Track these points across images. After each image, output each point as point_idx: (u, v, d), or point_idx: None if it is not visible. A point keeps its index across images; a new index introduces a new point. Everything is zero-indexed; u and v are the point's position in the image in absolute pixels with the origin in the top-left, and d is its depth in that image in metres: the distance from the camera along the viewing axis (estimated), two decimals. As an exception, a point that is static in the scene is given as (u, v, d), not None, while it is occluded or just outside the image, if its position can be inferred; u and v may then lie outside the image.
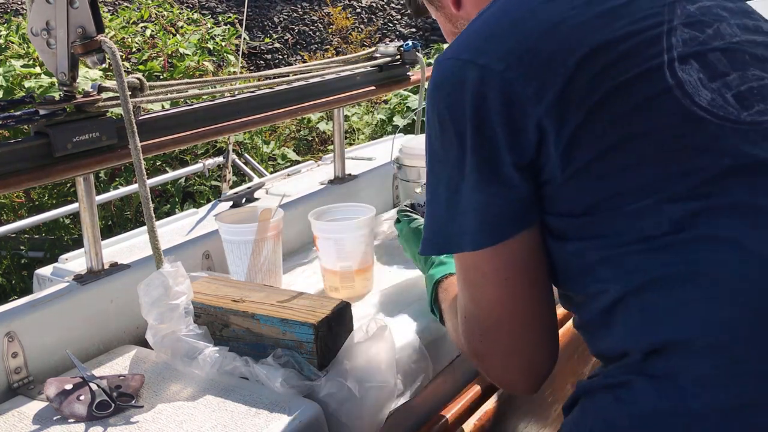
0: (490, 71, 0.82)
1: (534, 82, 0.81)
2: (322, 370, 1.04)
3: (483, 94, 0.82)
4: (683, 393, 0.74)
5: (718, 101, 0.80)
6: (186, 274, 1.12)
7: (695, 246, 0.76)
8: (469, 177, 0.84)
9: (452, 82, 0.85)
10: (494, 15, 0.89)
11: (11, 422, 1.00)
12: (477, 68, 0.83)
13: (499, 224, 0.85)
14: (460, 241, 0.87)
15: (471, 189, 0.84)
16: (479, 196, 0.84)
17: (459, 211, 0.86)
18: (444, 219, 0.88)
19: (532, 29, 0.84)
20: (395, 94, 5.07)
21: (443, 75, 0.87)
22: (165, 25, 5.59)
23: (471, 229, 0.85)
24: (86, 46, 1.14)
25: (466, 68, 0.84)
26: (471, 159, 0.84)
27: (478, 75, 0.83)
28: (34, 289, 1.47)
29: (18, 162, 1.11)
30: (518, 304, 0.88)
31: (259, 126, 1.59)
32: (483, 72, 0.83)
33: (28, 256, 3.75)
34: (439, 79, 0.87)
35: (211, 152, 4.23)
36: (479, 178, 0.84)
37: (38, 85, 3.65)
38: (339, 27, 7.87)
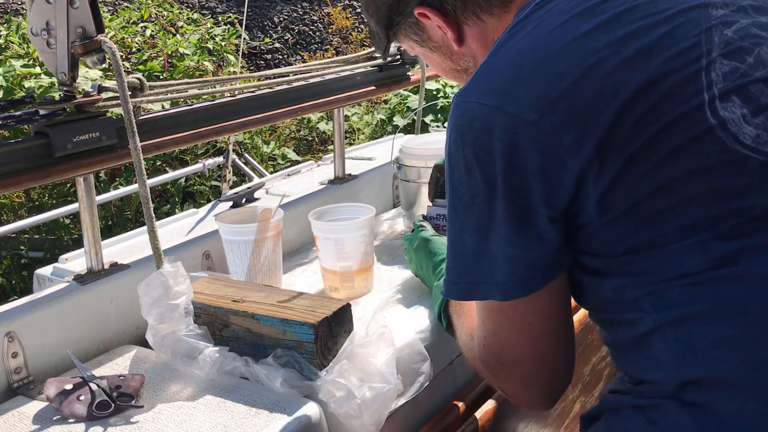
0: (522, 122, 0.78)
1: (571, 133, 0.77)
2: (322, 370, 1.04)
3: (515, 145, 0.78)
4: (722, 426, 0.74)
5: (763, 137, 0.77)
6: (186, 274, 1.12)
7: (737, 283, 0.75)
8: (499, 226, 0.82)
9: (479, 128, 0.81)
10: (521, 52, 0.83)
11: (11, 422, 1.00)
12: (507, 117, 0.79)
13: (529, 277, 0.83)
14: (488, 290, 0.85)
15: (501, 239, 0.82)
16: (510, 249, 0.82)
17: (486, 259, 0.84)
18: (470, 265, 0.86)
19: (566, 71, 0.79)
20: (395, 94, 5.07)
21: (468, 119, 0.82)
22: (165, 25, 5.59)
23: (500, 279, 0.84)
24: (86, 46, 1.14)
25: (495, 116, 0.80)
26: (502, 209, 0.81)
27: (509, 125, 0.79)
28: (34, 289, 1.47)
29: (18, 162, 1.11)
30: (541, 344, 0.88)
31: (259, 126, 1.58)
32: (514, 122, 0.78)
33: (28, 256, 3.75)
34: (463, 122, 0.83)
35: (211, 152, 4.23)
36: (510, 230, 0.81)
37: (38, 85, 3.66)
38: (339, 27, 7.87)
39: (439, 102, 4.54)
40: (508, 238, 0.81)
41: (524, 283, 0.84)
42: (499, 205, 0.81)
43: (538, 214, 0.80)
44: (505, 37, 0.86)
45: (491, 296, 0.86)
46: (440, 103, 4.57)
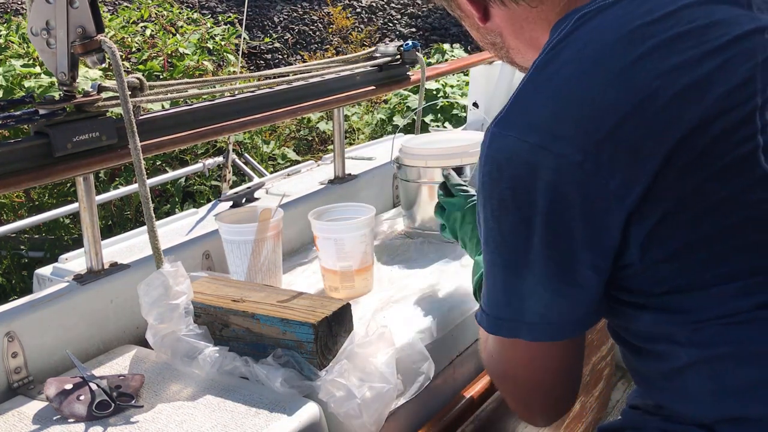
0: (567, 164, 0.73)
1: (617, 176, 0.72)
2: (322, 370, 1.04)
3: (558, 187, 0.74)
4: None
5: None
6: (186, 274, 1.12)
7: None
8: (535, 267, 0.78)
9: (518, 164, 0.76)
10: (565, 82, 0.76)
11: (11, 422, 1.00)
12: (551, 157, 0.74)
13: (561, 325, 0.81)
14: (517, 328, 0.82)
15: (536, 282, 0.78)
16: (544, 293, 0.79)
17: (517, 297, 0.81)
18: (500, 300, 0.83)
19: (613, 107, 0.73)
20: (395, 93, 5.08)
21: (507, 154, 0.77)
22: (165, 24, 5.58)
23: (530, 319, 0.81)
24: (86, 46, 1.14)
25: (537, 154, 0.75)
26: (540, 251, 0.77)
27: (553, 166, 0.74)
28: (34, 289, 1.47)
29: (18, 162, 1.11)
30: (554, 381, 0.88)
31: (259, 126, 1.59)
32: (558, 163, 0.73)
33: (28, 256, 3.75)
34: (501, 157, 0.78)
35: (211, 152, 4.23)
36: (547, 273, 0.77)
37: (38, 84, 3.65)
38: (339, 27, 7.87)
39: (439, 102, 4.54)
40: (543, 282, 0.78)
41: (553, 331, 0.81)
42: (537, 247, 0.77)
43: (579, 260, 0.76)
44: (546, 57, 0.79)
45: (519, 335, 0.82)
46: (440, 103, 4.57)
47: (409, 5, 8.38)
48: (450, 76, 4.88)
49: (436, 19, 8.20)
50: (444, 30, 8.06)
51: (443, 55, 5.73)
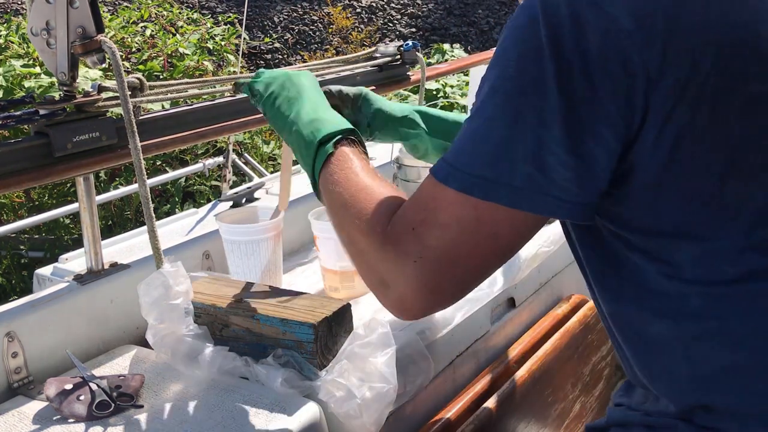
0: (617, 28, 0.68)
1: (659, 56, 0.68)
2: (322, 370, 1.04)
3: (600, 51, 0.69)
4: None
5: None
6: (186, 274, 1.12)
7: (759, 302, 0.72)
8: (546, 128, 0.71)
9: (565, 14, 0.70)
10: None
11: (11, 422, 1.00)
12: (602, 16, 0.69)
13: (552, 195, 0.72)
14: (495, 190, 0.73)
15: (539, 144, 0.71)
16: (548, 156, 0.71)
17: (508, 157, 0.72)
18: (483, 159, 0.73)
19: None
20: (395, 94, 5.07)
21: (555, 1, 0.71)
22: (165, 24, 5.58)
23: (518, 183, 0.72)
24: (86, 46, 1.14)
25: (587, 9, 0.69)
26: (557, 112, 0.70)
27: (602, 27, 0.69)
28: (34, 289, 1.47)
29: (18, 162, 1.11)
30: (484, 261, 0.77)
31: (259, 126, 1.58)
32: (608, 24, 0.68)
33: (28, 256, 3.75)
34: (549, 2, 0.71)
35: (211, 152, 4.23)
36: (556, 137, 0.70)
37: (38, 85, 3.65)
38: (339, 27, 7.87)
39: (439, 102, 4.54)
40: (547, 146, 0.71)
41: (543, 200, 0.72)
42: (555, 107, 0.70)
43: (594, 133, 0.70)
44: None
45: (494, 197, 0.73)
46: (440, 103, 4.57)
47: (409, 5, 8.38)
48: (450, 76, 4.88)
49: (436, 19, 8.20)
50: (444, 30, 8.07)
51: (443, 55, 5.73)
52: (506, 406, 1.29)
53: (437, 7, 8.38)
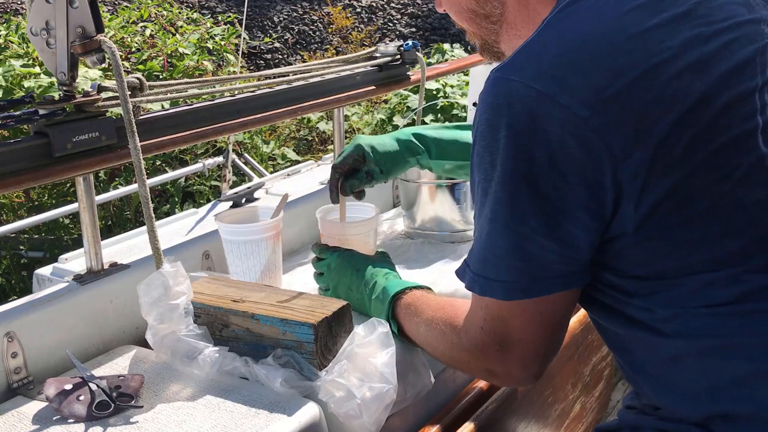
0: (573, 116, 0.72)
1: (620, 137, 0.71)
2: (322, 370, 1.04)
3: (561, 140, 0.72)
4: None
5: None
6: (186, 274, 1.11)
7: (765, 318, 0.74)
8: (522, 221, 0.76)
9: (520, 111, 0.74)
10: (581, 36, 0.75)
11: (11, 422, 1.00)
12: (556, 108, 0.72)
13: (542, 278, 0.79)
14: (490, 286, 0.82)
15: (518, 234, 0.77)
16: (528, 245, 0.77)
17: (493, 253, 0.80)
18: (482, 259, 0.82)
19: (625, 68, 0.73)
20: (395, 93, 5.07)
21: (508, 99, 0.74)
22: (164, 24, 5.58)
23: (507, 277, 0.80)
24: (86, 46, 1.13)
25: (542, 103, 0.73)
26: (529, 203, 0.75)
27: (558, 117, 0.72)
28: (33, 289, 1.47)
29: (18, 162, 1.11)
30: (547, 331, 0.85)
31: (259, 126, 1.58)
32: (564, 114, 0.72)
33: (27, 256, 3.75)
34: (501, 102, 0.75)
35: (211, 152, 4.22)
36: (536, 227, 0.76)
37: (38, 84, 3.65)
38: (339, 27, 7.87)
39: (439, 102, 4.53)
40: (528, 236, 0.76)
41: (534, 285, 0.79)
42: (527, 198, 0.75)
43: (569, 217, 0.75)
44: (558, 16, 0.78)
45: (492, 294, 0.82)
46: (440, 103, 4.56)
47: (409, 5, 8.37)
48: (450, 76, 4.88)
49: (436, 19, 8.19)
50: (444, 30, 8.06)
51: (443, 55, 5.73)
52: (506, 406, 1.29)
53: (437, 7, 8.37)
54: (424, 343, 1.05)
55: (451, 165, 1.30)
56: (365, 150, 1.28)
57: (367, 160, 1.29)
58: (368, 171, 1.29)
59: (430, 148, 1.29)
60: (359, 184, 1.31)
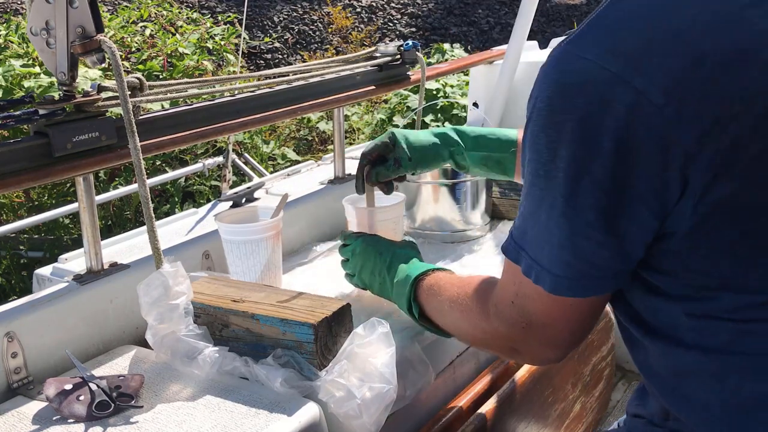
0: (647, 103, 0.65)
1: (696, 129, 0.64)
2: (321, 370, 1.04)
3: (630, 130, 0.66)
4: None
5: None
6: (186, 274, 1.11)
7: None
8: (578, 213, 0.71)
9: (592, 93, 0.67)
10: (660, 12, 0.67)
11: (11, 422, 1.00)
12: (631, 93, 0.65)
13: (591, 276, 0.75)
14: (542, 276, 0.77)
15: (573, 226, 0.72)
16: (581, 240, 0.72)
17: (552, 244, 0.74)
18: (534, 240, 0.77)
19: (710, 53, 0.64)
20: (395, 93, 5.07)
21: (579, 79, 0.68)
22: (164, 24, 5.58)
23: (558, 271, 0.75)
24: (86, 46, 1.13)
25: (616, 87, 0.66)
26: (591, 195, 0.70)
27: (630, 103, 0.65)
28: (33, 289, 1.47)
29: (18, 162, 1.11)
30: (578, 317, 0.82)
31: (259, 126, 1.58)
32: (638, 101, 0.65)
33: (27, 256, 3.75)
34: (571, 81, 0.68)
35: (211, 152, 4.22)
36: (593, 221, 0.70)
37: (38, 84, 3.65)
38: (339, 27, 7.87)
39: (439, 102, 4.53)
40: (584, 229, 0.71)
41: (582, 284, 0.75)
42: (588, 190, 0.69)
43: (629, 213, 0.69)
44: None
45: (540, 282, 0.77)
46: (440, 103, 4.56)
47: (409, 5, 8.37)
48: (450, 76, 4.88)
49: (436, 19, 8.20)
50: (444, 30, 8.06)
51: (443, 55, 5.73)
52: (506, 406, 1.29)
53: (437, 6, 8.37)
54: (448, 323, 1.02)
55: (488, 158, 1.24)
56: (396, 136, 1.24)
57: (397, 147, 1.24)
58: (396, 158, 1.24)
59: (466, 139, 1.24)
60: (386, 171, 1.26)
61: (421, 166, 1.25)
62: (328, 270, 1.48)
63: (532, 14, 2.19)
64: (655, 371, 0.83)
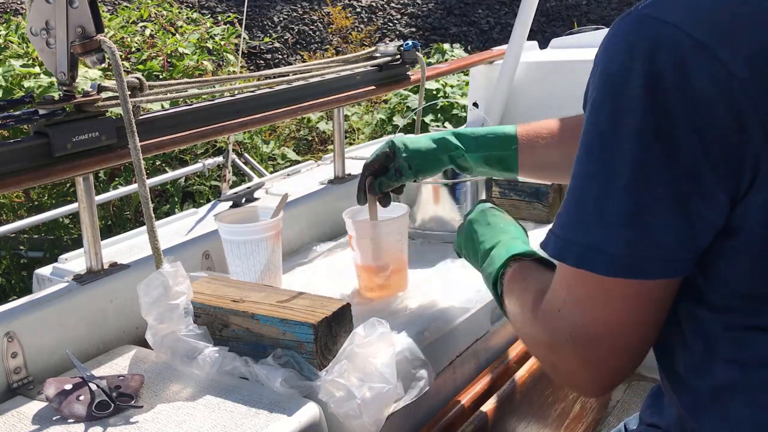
0: (730, 77, 0.61)
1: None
2: (321, 370, 1.04)
3: (711, 102, 0.62)
4: None
5: None
6: (186, 274, 1.12)
7: None
8: (645, 188, 0.66)
9: (671, 60, 0.63)
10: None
11: (11, 422, 1.00)
12: (715, 64, 0.61)
13: (654, 259, 0.68)
14: (590, 257, 0.70)
15: (638, 203, 0.66)
16: (647, 217, 0.66)
17: (604, 220, 0.68)
18: (580, 221, 0.70)
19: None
20: (395, 93, 5.07)
21: (659, 43, 0.63)
22: (164, 24, 5.58)
23: (612, 249, 0.68)
24: (86, 46, 1.13)
25: (699, 55, 0.62)
26: (663, 168, 0.65)
27: (712, 74, 0.61)
28: (33, 289, 1.47)
29: (18, 162, 1.11)
30: (631, 332, 0.73)
31: (259, 126, 1.58)
32: (721, 73, 0.61)
33: (27, 256, 3.75)
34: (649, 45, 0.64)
35: (211, 152, 4.23)
36: (662, 197, 0.65)
37: (37, 84, 3.65)
38: (339, 27, 7.87)
39: (439, 102, 4.53)
40: (650, 206, 0.66)
41: (643, 264, 0.68)
42: (660, 162, 0.64)
43: (703, 193, 0.64)
44: None
45: (590, 266, 0.70)
46: (440, 103, 4.56)
47: (409, 5, 8.38)
48: (450, 76, 4.88)
49: (436, 19, 8.20)
50: (444, 30, 8.06)
51: (443, 55, 5.73)
52: (506, 406, 1.29)
53: (437, 6, 8.37)
54: (510, 317, 0.94)
55: (489, 157, 1.22)
56: (396, 145, 1.24)
57: (397, 156, 1.24)
58: (397, 168, 1.24)
59: (466, 141, 1.23)
60: (388, 182, 1.26)
61: (422, 172, 1.25)
62: (328, 270, 1.48)
63: (532, 14, 2.19)
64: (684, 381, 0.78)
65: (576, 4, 8.45)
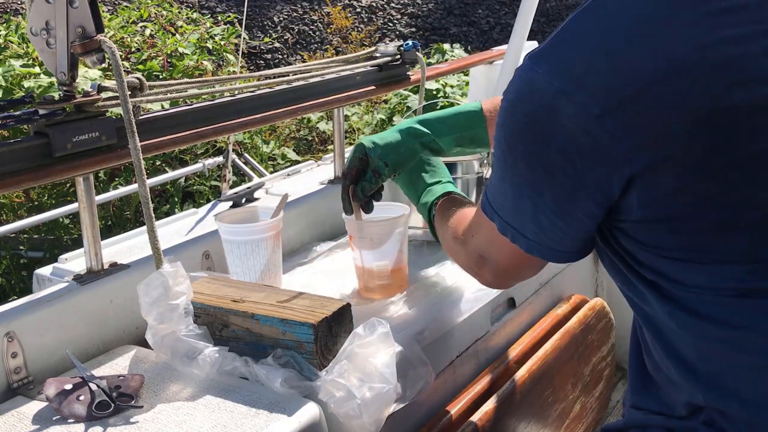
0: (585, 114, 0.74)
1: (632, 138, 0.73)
2: (321, 370, 1.04)
3: (572, 134, 0.76)
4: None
5: None
6: (186, 274, 1.11)
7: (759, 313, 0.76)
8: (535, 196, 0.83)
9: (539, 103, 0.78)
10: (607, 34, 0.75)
11: (11, 422, 1.00)
12: (571, 105, 0.75)
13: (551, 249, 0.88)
14: (517, 237, 0.89)
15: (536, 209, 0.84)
16: (543, 218, 0.84)
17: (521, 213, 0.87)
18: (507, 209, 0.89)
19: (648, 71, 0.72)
20: (395, 93, 5.08)
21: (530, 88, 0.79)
22: (164, 24, 5.58)
23: (530, 236, 0.88)
24: (86, 46, 1.13)
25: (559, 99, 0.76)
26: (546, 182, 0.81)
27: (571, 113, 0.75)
28: (33, 289, 1.47)
29: (18, 162, 1.11)
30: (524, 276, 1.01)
31: (259, 126, 1.58)
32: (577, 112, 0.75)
33: (27, 256, 3.75)
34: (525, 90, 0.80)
35: (211, 152, 4.23)
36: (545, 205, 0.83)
37: (38, 84, 3.65)
38: (339, 27, 7.87)
39: (439, 102, 4.54)
40: (542, 211, 0.84)
41: (544, 251, 0.88)
42: (543, 178, 0.81)
43: (577, 203, 0.81)
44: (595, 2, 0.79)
45: (517, 242, 0.89)
46: (440, 103, 4.56)
47: (409, 5, 8.37)
48: (450, 76, 4.88)
49: (436, 19, 8.20)
50: (444, 30, 8.06)
51: (443, 55, 5.73)
52: (506, 406, 1.29)
53: (437, 7, 8.37)
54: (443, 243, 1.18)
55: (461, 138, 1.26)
56: (366, 146, 1.25)
57: (370, 157, 1.25)
58: (374, 169, 1.25)
59: (435, 126, 1.25)
60: (369, 185, 1.27)
61: (399, 166, 1.26)
62: (328, 270, 1.48)
63: (532, 14, 2.19)
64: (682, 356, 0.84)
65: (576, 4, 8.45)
